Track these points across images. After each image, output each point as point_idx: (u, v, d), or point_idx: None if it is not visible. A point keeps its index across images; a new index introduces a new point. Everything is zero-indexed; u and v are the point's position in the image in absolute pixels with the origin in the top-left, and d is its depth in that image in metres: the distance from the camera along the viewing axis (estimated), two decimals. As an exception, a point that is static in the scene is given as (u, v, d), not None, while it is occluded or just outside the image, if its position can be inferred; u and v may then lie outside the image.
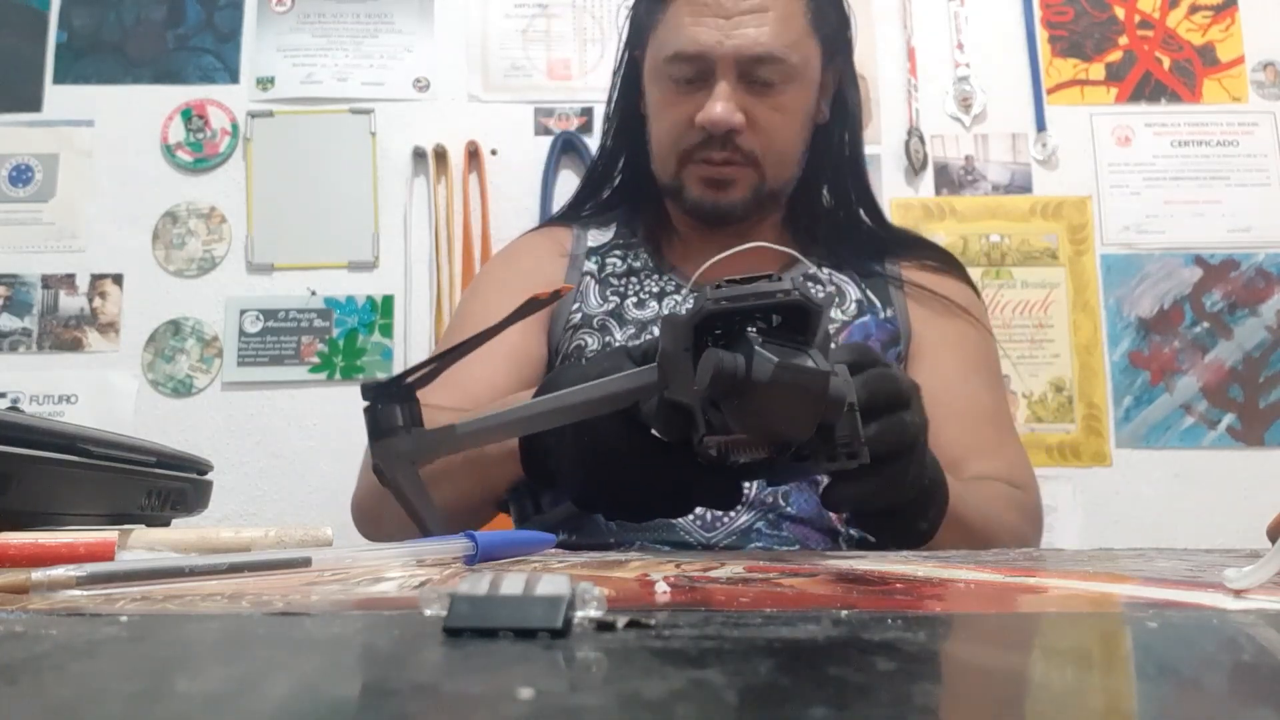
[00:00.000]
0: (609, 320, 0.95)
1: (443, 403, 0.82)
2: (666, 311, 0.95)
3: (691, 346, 0.49)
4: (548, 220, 1.10)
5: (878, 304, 0.96)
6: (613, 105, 1.04)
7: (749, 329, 0.47)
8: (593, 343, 0.93)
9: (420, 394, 0.58)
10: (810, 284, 0.48)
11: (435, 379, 0.57)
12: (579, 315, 0.96)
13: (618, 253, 1.00)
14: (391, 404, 0.56)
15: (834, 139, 1.00)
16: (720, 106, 0.89)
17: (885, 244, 1.02)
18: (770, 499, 0.85)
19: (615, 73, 1.04)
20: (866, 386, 0.53)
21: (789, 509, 0.85)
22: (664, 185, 0.97)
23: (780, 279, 0.48)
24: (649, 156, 0.99)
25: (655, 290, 0.97)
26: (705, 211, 0.95)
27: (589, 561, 0.49)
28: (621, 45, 1.03)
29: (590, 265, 1.00)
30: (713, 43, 0.89)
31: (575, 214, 1.07)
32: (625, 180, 1.04)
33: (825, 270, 0.97)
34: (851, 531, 0.88)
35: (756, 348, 0.45)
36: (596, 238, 1.03)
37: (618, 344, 0.92)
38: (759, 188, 0.94)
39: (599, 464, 0.58)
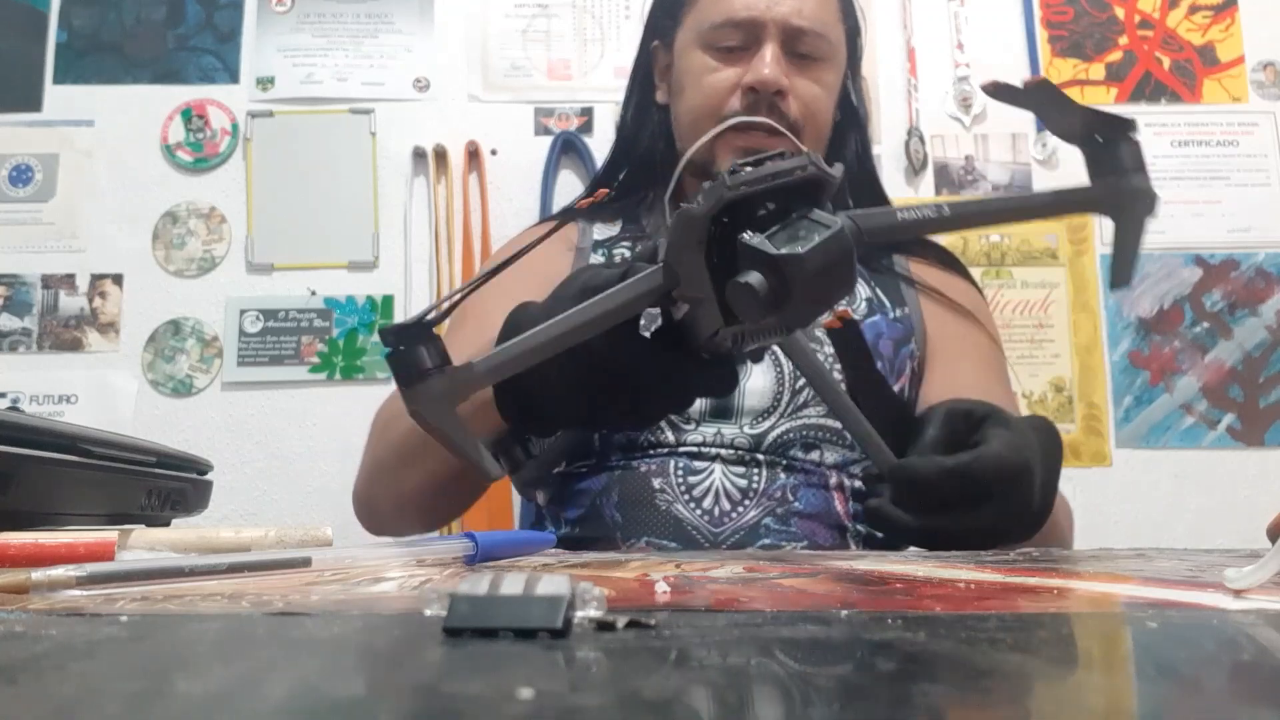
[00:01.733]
0: None
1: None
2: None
3: (705, 236, 0.48)
4: (552, 215, 1.13)
5: (888, 303, 0.96)
6: (629, 97, 1.06)
7: (744, 235, 0.46)
8: None
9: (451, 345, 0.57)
10: (815, 155, 0.48)
11: (445, 318, 0.55)
12: None
13: (625, 244, 1.01)
14: (417, 345, 0.53)
15: (845, 139, 1.02)
16: (769, 67, 0.90)
17: (893, 244, 1.03)
18: (779, 494, 0.85)
19: (634, 68, 1.05)
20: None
21: (797, 504, 0.85)
22: (692, 160, 0.94)
23: (786, 155, 0.48)
24: (661, 145, 1.00)
25: None
26: None
27: (589, 561, 0.49)
28: (642, 39, 1.05)
29: (598, 258, 1.00)
30: (762, 8, 0.92)
31: (582, 210, 1.06)
32: (634, 172, 1.04)
33: None
34: (859, 527, 0.88)
35: (783, 249, 0.44)
36: (603, 231, 1.03)
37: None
38: None
39: (596, 377, 0.57)
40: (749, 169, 0.47)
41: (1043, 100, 0.54)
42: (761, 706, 0.16)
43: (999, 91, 0.52)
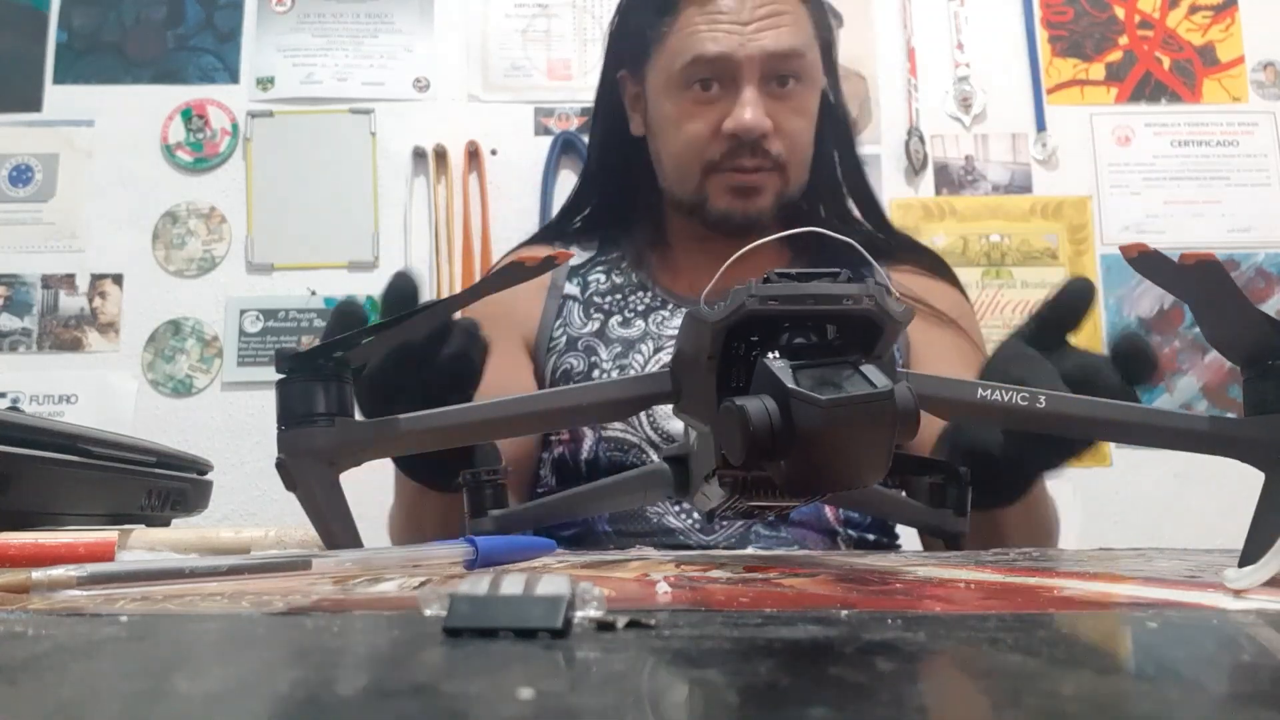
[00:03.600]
0: (594, 340, 0.92)
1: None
2: (654, 326, 0.92)
3: (719, 353, 0.38)
4: (525, 243, 1.07)
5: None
6: (598, 129, 1.02)
7: (768, 356, 0.36)
8: (578, 364, 0.91)
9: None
10: (884, 290, 0.38)
11: (374, 354, 0.46)
12: (563, 339, 0.93)
13: (600, 269, 0.98)
14: (313, 382, 0.43)
15: (825, 146, 0.98)
16: (750, 111, 0.87)
17: (877, 250, 1.01)
18: None
19: (599, 96, 1.01)
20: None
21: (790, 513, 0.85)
22: (681, 201, 0.94)
23: (848, 278, 0.38)
24: (639, 178, 0.97)
25: (641, 308, 0.94)
26: (734, 223, 0.91)
27: (589, 562, 0.49)
28: (604, 64, 1.00)
29: (572, 288, 0.97)
30: (735, 45, 0.87)
31: (556, 233, 1.03)
32: (610, 204, 1.01)
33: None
34: (850, 532, 0.88)
35: (791, 385, 0.34)
36: (578, 256, 1.00)
37: (604, 363, 0.90)
38: (782, 194, 0.92)
39: None
40: (788, 280, 0.37)
41: (1198, 288, 0.39)
42: (761, 706, 0.16)
43: (1144, 263, 0.38)
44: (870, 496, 0.66)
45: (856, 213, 1.00)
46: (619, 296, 0.95)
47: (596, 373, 0.89)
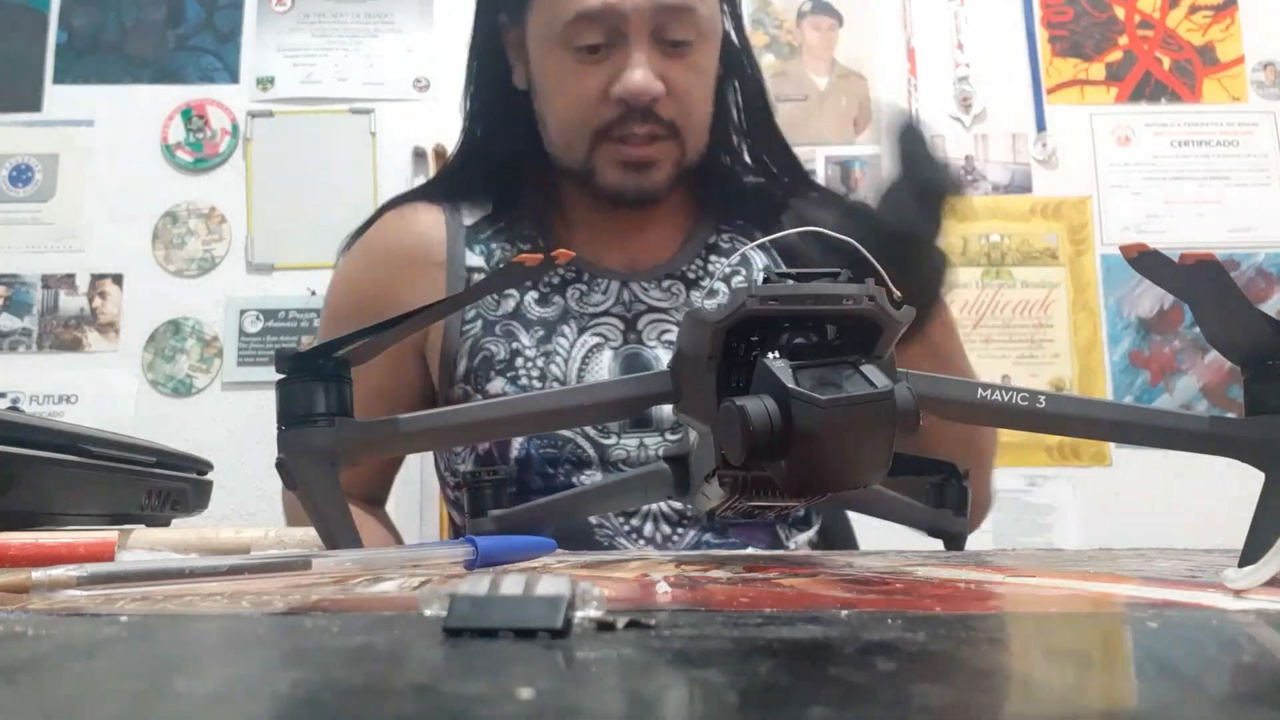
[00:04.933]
0: (511, 323, 0.85)
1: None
2: (574, 303, 0.86)
3: (719, 353, 0.38)
4: (413, 193, 0.97)
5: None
6: (475, 81, 0.94)
7: (769, 355, 0.36)
8: (500, 351, 0.84)
9: None
10: (879, 287, 0.38)
11: (374, 354, 0.46)
12: (478, 323, 0.85)
13: (503, 236, 0.89)
14: (313, 382, 0.43)
15: (727, 94, 0.90)
16: (639, 74, 0.79)
17: (779, 196, 0.93)
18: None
19: (472, 47, 0.93)
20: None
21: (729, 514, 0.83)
22: (568, 169, 0.86)
23: (848, 278, 0.38)
24: (526, 136, 0.88)
25: (556, 281, 0.86)
26: (626, 198, 0.84)
27: (589, 562, 0.49)
28: (478, 8, 0.92)
29: (475, 258, 0.88)
30: None
31: (443, 193, 0.94)
32: (497, 162, 0.92)
33: (727, 237, 0.90)
34: (792, 530, 0.87)
35: (791, 385, 0.34)
36: (471, 214, 0.91)
37: (526, 350, 0.83)
38: (679, 162, 0.84)
39: None
40: (789, 281, 0.37)
41: (1198, 288, 0.39)
42: (761, 706, 0.16)
43: (1144, 263, 0.38)
44: (870, 497, 0.66)
45: (768, 163, 0.93)
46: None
47: (520, 361, 0.83)
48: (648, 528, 0.82)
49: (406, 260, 0.89)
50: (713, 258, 0.89)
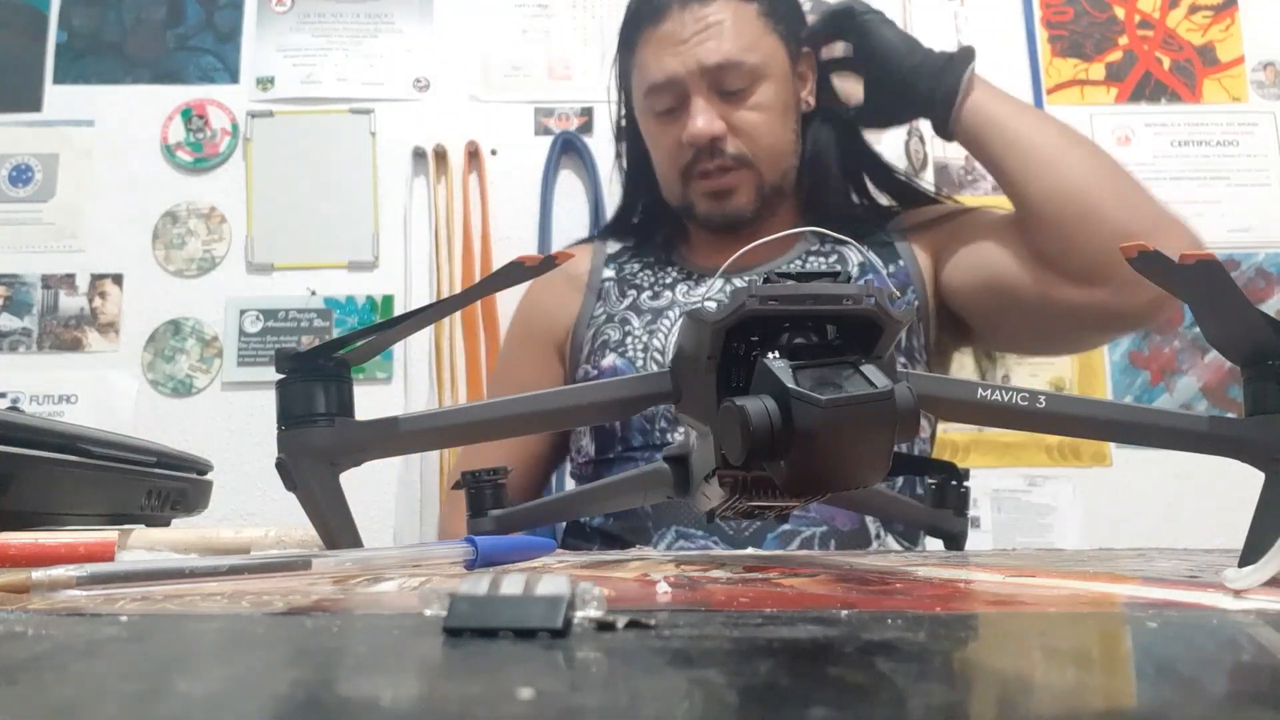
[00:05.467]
0: (628, 313, 1.00)
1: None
2: (681, 296, 1.00)
3: (719, 353, 0.38)
4: (579, 242, 1.19)
5: (879, 262, 1.00)
6: (628, 152, 1.11)
7: (768, 355, 0.36)
8: (614, 334, 0.99)
9: (460, 468, 0.48)
10: (886, 294, 0.38)
11: (375, 354, 0.47)
12: (602, 315, 1.02)
13: (636, 258, 1.07)
14: (313, 382, 0.43)
15: (823, 123, 1.05)
16: (700, 120, 0.94)
17: (888, 214, 1.08)
18: None
19: (620, 126, 1.11)
20: None
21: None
22: (677, 208, 1.03)
23: (847, 278, 0.38)
24: (659, 188, 1.05)
25: (668, 281, 1.02)
26: (716, 222, 1.00)
27: (589, 562, 0.49)
28: (618, 104, 1.11)
29: (609, 271, 1.07)
30: (676, 65, 0.95)
31: (611, 233, 1.14)
32: (646, 208, 1.10)
33: (829, 246, 1.01)
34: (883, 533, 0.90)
35: (791, 385, 0.34)
36: (612, 246, 1.11)
37: (635, 331, 0.98)
38: (760, 186, 0.98)
39: None
40: (788, 280, 0.37)
41: (1198, 287, 0.39)
42: (761, 706, 0.16)
43: (1144, 263, 0.38)
44: (870, 497, 0.66)
45: (871, 188, 1.08)
46: (648, 274, 1.04)
47: (629, 339, 0.98)
48: None
49: (560, 283, 1.07)
50: (811, 260, 1.01)
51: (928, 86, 0.94)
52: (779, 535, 0.85)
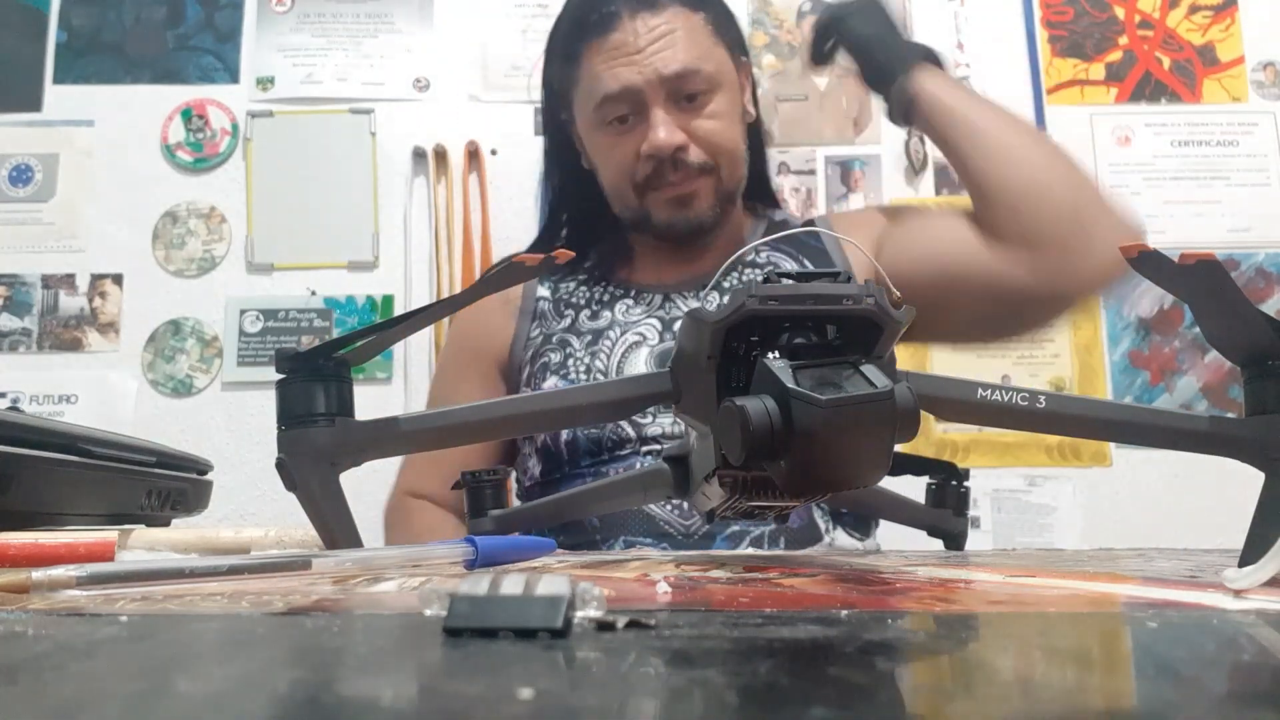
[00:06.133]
0: (567, 334, 0.98)
1: (429, 488, 0.97)
2: (621, 315, 0.98)
3: (719, 353, 0.38)
4: (495, 267, 1.17)
5: (811, 267, 1.00)
6: (554, 167, 1.09)
7: (768, 355, 0.36)
8: (555, 357, 0.96)
9: (404, 479, 0.49)
10: (885, 293, 0.38)
11: (374, 354, 0.47)
12: (539, 336, 0.99)
13: (570, 278, 1.04)
14: (313, 382, 0.43)
15: (756, 137, 1.05)
16: (661, 131, 0.93)
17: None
18: None
19: (546, 137, 1.09)
20: None
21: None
22: (628, 220, 1.00)
23: (847, 278, 0.38)
24: (599, 204, 1.03)
25: (606, 299, 1.00)
26: (677, 231, 0.98)
27: (589, 562, 0.49)
28: (544, 116, 1.08)
29: (544, 291, 1.03)
30: (633, 75, 0.93)
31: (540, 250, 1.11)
32: (577, 230, 1.08)
33: (764, 255, 1.00)
34: (822, 504, 0.89)
35: (791, 385, 0.34)
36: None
37: (577, 352, 0.96)
38: (718, 191, 0.98)
39: None
40: (788, 280, 0.37)
41: (1198, 287, 0.39)
42: (761, 706, 0.16)
43: (1144, 263, 0.38)
44: (870, 497, 0.66)
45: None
46: (585, 292, 1.02)
47: (571, 361, 0.95)
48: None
49: (492, 304, 1.02)
50: (748, 271, 1.00)
51: (887, 79, 0.96)
52: (728, 536, 0.85)
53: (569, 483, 0.91)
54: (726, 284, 0.97)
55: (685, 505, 0.85)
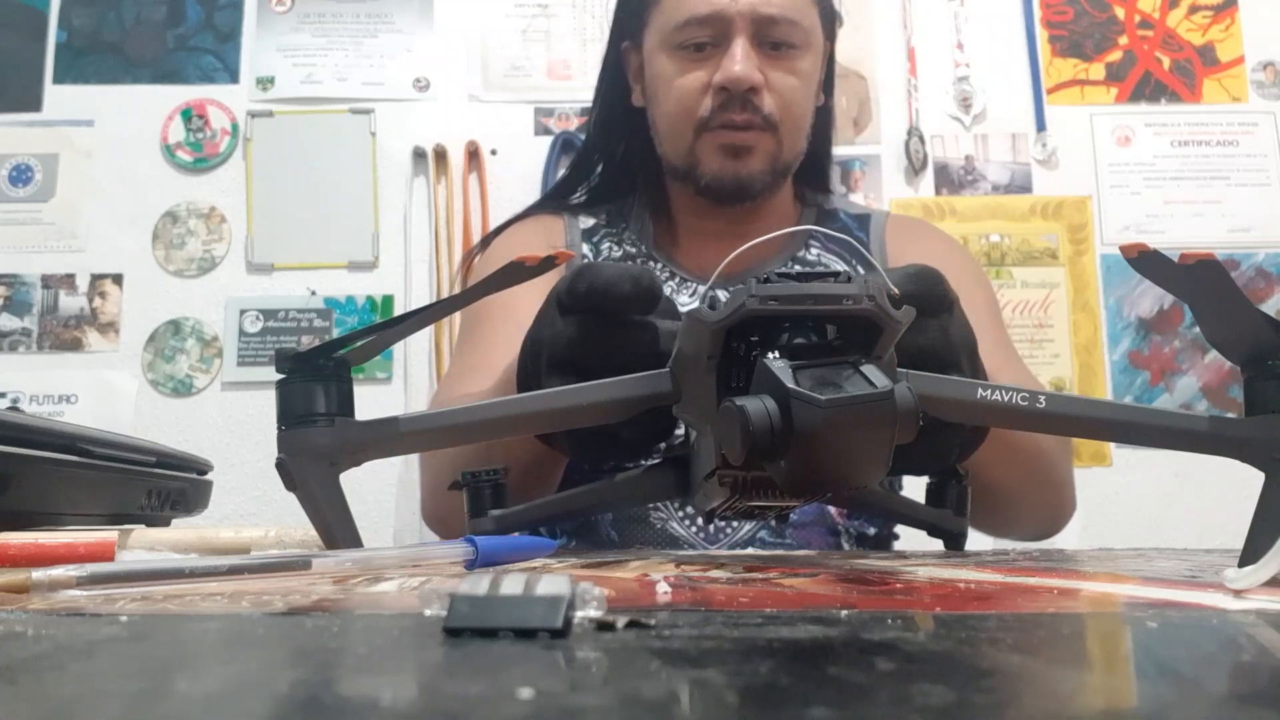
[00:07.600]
0: None
1: (471, 389, 0.79)
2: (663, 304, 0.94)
3: (719, 353, 0.39)
4: (534, 208, 1.07)
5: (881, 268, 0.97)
6: (599, 100, 1.01)
7: (768, 356, 0.36)
8: None
9: (444, 384, 0.49)
10: (886, 293, 0.38)
11: (374, 354, 0.46)
12: None
13: (610, 238, 0.97)
14: (313, 382, 0.43)
15: (826, 123, 0.99)
16: (740, 64, 0.86)
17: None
18: None
19: (603, 68, 1.01)
20: (914, 281, 0.49)
21: (791, 514, 0.85)
22: (675, 166, 0.93)
23: (848, 278, 0.38)
24: (640, 149, 0.96)
25: None
26: (724, 185, 0.90)
27: (589, 562, 0.49)
28: (609, 38, 1.01)
29: (586, 250, 0.97)
30: (726, 3, 0.87)
31: (563, 202, 1.03)
32: (612, 175, 1.01)
33: (815, 251, 0.96)
34: (851, 528, 0.88)
35: (791, 385, 0.34)
36: (585, 222, 1.00)
37: None
38: (775, 157, 0.91)
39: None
40: (788, 280, 0.37)
41: (1200, 287, 0.38)
42: (761, 706, 0.16)
43: (1144, 263, 0.38)
44: (870, 497, 0.66)
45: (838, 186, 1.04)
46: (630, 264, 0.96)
47: None
48: (701, 517, 0.84)
49: (539, 242, 0.95)
50: (797, 268, 0.94)
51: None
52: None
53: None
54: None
55: (710, 527, 0.84)
